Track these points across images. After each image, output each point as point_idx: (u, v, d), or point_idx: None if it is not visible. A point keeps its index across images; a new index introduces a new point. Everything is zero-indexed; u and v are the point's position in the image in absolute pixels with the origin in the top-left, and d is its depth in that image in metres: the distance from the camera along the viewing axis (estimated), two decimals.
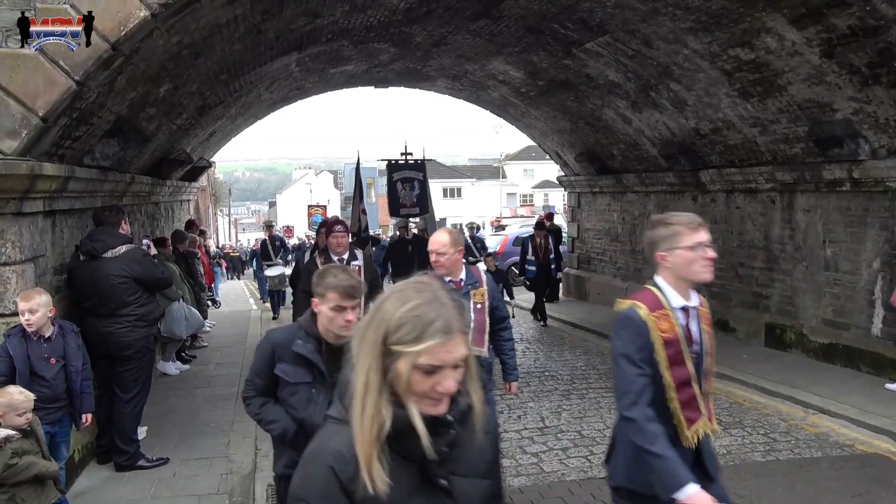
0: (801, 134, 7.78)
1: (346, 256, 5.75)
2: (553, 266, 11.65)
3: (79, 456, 5.05)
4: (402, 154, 12.77)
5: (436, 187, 57.13)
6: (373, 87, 13.36)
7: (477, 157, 75.13)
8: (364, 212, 11.82)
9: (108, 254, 4.97)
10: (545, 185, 56.16)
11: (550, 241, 11.45)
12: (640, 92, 9.51)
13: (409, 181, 12.33)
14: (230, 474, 5.06)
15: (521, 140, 62.18)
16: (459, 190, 57.52)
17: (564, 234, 15.27)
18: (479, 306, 3.95)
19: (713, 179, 9.74)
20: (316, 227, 27.49)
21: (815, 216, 8.18)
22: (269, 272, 12.73)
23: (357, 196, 12.14)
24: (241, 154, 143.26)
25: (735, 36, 7.09)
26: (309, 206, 35.71)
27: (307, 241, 22.92)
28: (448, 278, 3.79)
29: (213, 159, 16.69)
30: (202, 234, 12.76)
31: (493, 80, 11.54)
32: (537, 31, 8.74)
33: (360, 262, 5.80)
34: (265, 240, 14.20)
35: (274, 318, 12.33)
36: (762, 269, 9.09)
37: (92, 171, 5.77)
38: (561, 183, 15.29)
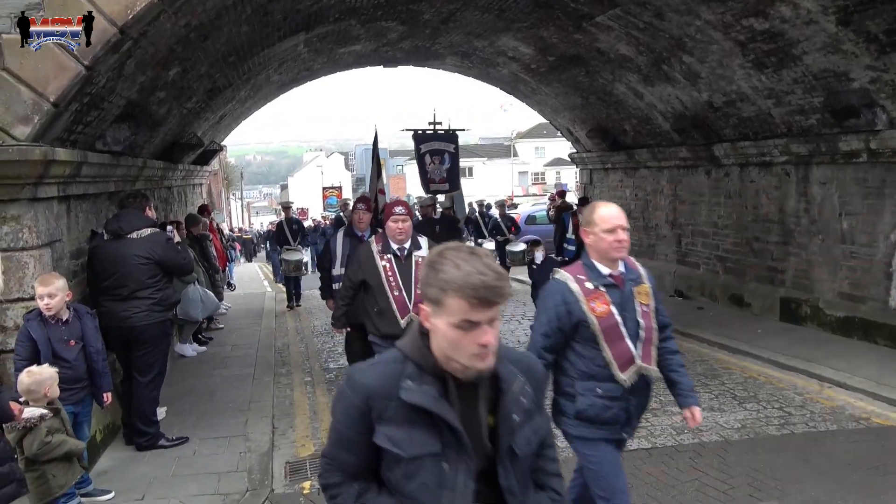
0: (817, 105, 7.65)
1: (407, 246, 4.68)
2: None
3: (101, 436, 5.15)
4: (430, 123, 11.60)
5: None
6: (382, 66, 13.25)
7: (488, 136, 74.65)
8: (382, 191, 10.54)
9: (134, 234, 5.05)
10: (557, 162, 55.76)
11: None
12: (651, 65, 9.38)
13: (438, 153, 11.21)
14: (248, 452, 5.13)
15: (532, 118, 61.71)
16: (471, 169, 57.24)
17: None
18: (645, 309, 3.02)
19: (727, 153, 9.62)
20: (337, 209, 27.30)
21: (830, 188, 8.07)
22: (286, 255, 11.68)
23: (375, 173, 10.99)
24: (252, 137, 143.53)
25: (749, 5, 6.95)
26: (324, 189, 35.45)
27: (323, 223, 22.72)
28: (608, 271, 2.96)
29: (224, 143, 16.71)
30: (209, 217, 12.81)
31: (502, 56, 11.42)
32: (546, 5, 8.62)
33: (424, 251, 4.66)
34: (281, 222, 12.98)
35: (289, 307, 11.78)
36: (777, 244, 9.01)
37: (104, 155, 5.81)
38: (573, 160, 15.18)
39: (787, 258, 8.84)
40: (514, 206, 28.59)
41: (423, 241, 4.77)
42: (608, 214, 2.93)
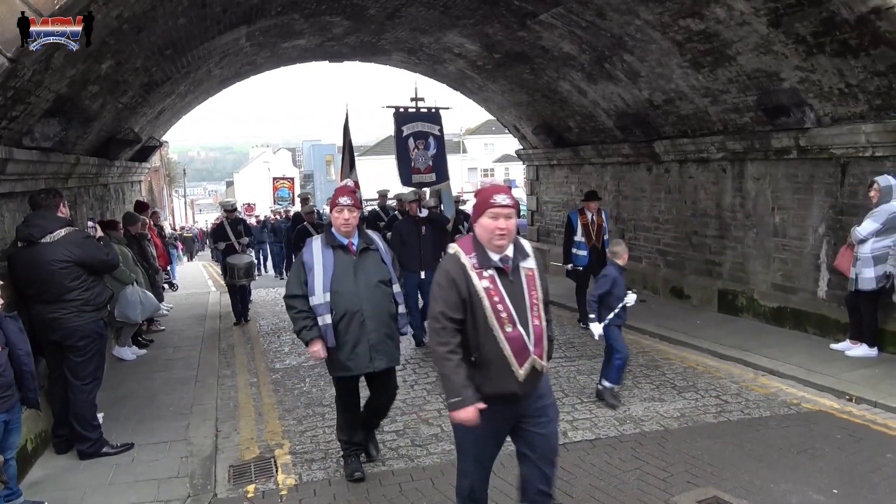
0: (751, 103, 7.94)
1: (510, 254, 3.15)
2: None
3: (32, 445, 4.93)
4: (412, 100, 9.54)
5: (395, 163, 56.78)
6: (327, 61, 13.10)
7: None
8: (357, 185, 8.99)
9: (47, 238, 4.78)
10: (505, 158, 56.22)
11: (605, 216, 8.93)
12: (594, 64, 9.56)
13: (422, 137, 9.28)
14: (190, 457, 5.01)
15: (480, 114, 62.04)
16: None
17: (523, 208, 15.37)
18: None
19: (667, 150, 9.89)
20: (285, 203, 26.18)
21: (764, 184, 8.40)
22: (234, 260, 9.98)
23: (347, 164, 9.39)
24: (195, 133, 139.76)
25: (685, 6, 7.15)
26: (274, 179, 31.84)
27: (273, 219, 20.61)
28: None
29: (164, 139, 16.26)
30: (155, 215, 12.38)
31: (449, 53, 11.43)
32: (491, 2, 8.67)
33: (532, 262, 3.26)
34: (222, 223, 10.79)
35: (236, 325, 10.10)
36: (715, 237, 9.32)
37: (32, 152, 5.55)
38: (519, 156, 15.34)
39: (724, 251, 9.16)
40: (464, 201, 28.69)
41: (528, 246, 3.27)
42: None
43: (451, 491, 4.38)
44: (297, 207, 17.73)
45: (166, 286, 12.84)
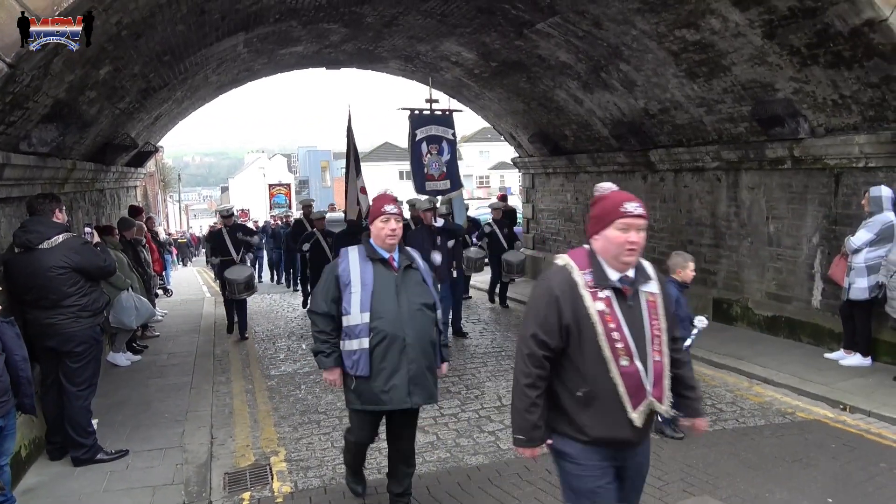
0: (745, 113, 8.00)
1: (631, 274, 2.68)
2: None
3: (26, 452, 4.91)
4: (426, 101, 9.13)
5: (391, 170, 56.81)
6: (324, 68, 13.12)
7: None
8: (364, 190, 8.51)
9: (45, 244, 4.77)
10: (501, 166, 56.38)
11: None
12: (590, 73, 9.61)
13: (436, 141, 8.81)
14: (185, 464, 4.99)
15: (476, 122, 62.21)
16: None
17: (519, 216, 15.41)
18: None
19: (662, 159, 9.95)
20: (282, 209, 25.77)
21: (758, 193, 8.45)
22: (231, 274, 9.12)
23: (354, 168, 8.71)
24: (191, 138, 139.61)
25: (681, 17, 7.21)
26: (270, 186, 31.40)
27: (272, 224, 20.09)
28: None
29: (160, 144, 16.22)
30: (149, 220, 12.35)
31: (445, 61, 11.48)
32: (488, 11, 8.73)
33: (655, 284, 2.82)
34: (219, 231, 9.76)
35: (230, 332, 9.64)
36: (710, 246, 9.37)
37: (29, 157, 5.55)
38: (515, 164, 15.39)
39: (719, 260, 9.21)
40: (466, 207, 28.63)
41: (650, 267, 2.76)
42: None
43: (447, 499, 4.38)
44: (296, 213, 17.54)
45: (160, 292, 12.80)
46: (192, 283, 17.72)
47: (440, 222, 7.96)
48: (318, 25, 9.47)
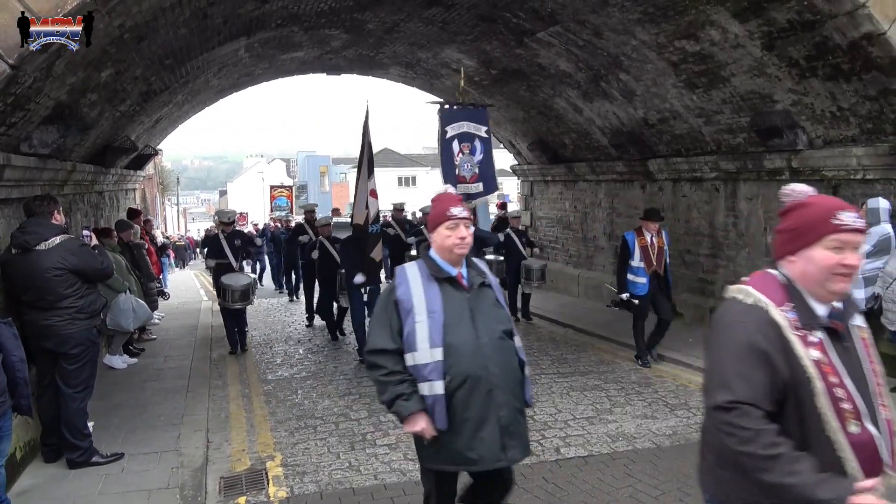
0: (744, 124, 8.04)
1: (840, 305, 2.09)
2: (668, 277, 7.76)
3: (21, 454, 4.89)
4: (459, 92, 8.32)
5: (390, 176, 56.84)
6: (325, 73, 13.17)
7: (431, 146, 74.93)
8: (374, 194, 7.72)
9: (42, 246, 4.77)
10: (500, 173, 55.93)
11: (665, 237, 7.72)
12: (590, 82, 9.66)
13: (468, 139, 7.94)
14: (181, 468, 4.97)
15: None
16: (414, 178, 57.33)
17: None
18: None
19: (660, 168, 9.98)
20: (283, 212, 25.02)
21: (756, 204, 8.48)
22: (228, 280, 8.52)
23: (366, 169, 7.79)
24: (190, 142, 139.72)
25: (681, 28, 7.26)
26: (272, 188, 29.94)
27: (273, 226, 18.50)
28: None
29: (159, 147, 16.24)
30: (147, 223, 12.34)
31: (446, 68, 11.53)
32: (490, 19, 8.77)
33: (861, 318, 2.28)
34: (216, 236, 9.24)
35: (232, 353, 8.81)
36: (707, 256, 9.39)
37: (30, 158, 5.55)
38: (514, 172, 15.42)
39: (717, 270, 9.23)
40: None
41: (856, 291, 2.17)
42: None
43: None
44: (295, 217, 17.10)
45: (158, 295, 12.77)
46: (189, 286, 17.70)
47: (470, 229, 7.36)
48: (320, 31, 9.50)
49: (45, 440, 5.12)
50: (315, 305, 10.38)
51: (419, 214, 12.77)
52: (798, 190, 2.09)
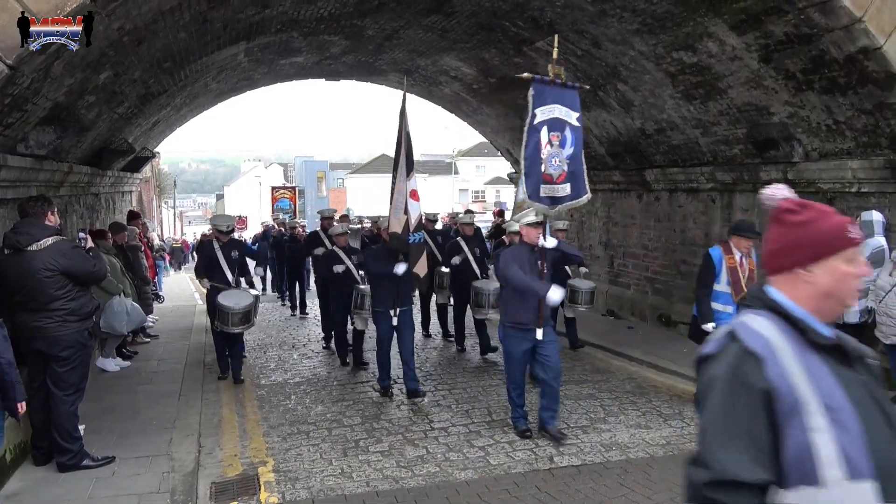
0: (740, 136, 8.07)
1: None
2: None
3: (10, 456, 4.86)
4: (551, 66, 6.16)
5: (388, 181, 56.71)
6: (324, 79, 13.18)
7: (429, 153, 75.12)
8: (416, 195, 6.83)
9: (34, 246, 4.75)
10: (497, 181, 56.57)
11: (755, 258, 6.20)
12: (588, 92, 9.67)
13: (558, 128, 5.95)
14: (172, 472, 4.94)
15: (473, 136, 62.61)
16: None
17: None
18: None
19: (657, 178, 10.01)
20: (286, 213, 22.90)
21: (752, 215, 8.50)
22: (226, 300, 7.24)
23: (403, 167, 6.75)
24: (187, 145, 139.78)
25: (679, 39, 7.29)
26: (273, 189, 26.88)
27: (276, 229, 16.11)
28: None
29: (157, 149, 16.22)
30: (143, 227, 12.30)
31: (445, 76, 11.56)
32: (489, 28, 8.80)
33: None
34: (210, 243, 7.85)
35: (221, 378, 7.66)
36: None
37: (26, 159, 5.55)
38: (511, 180, 15.43)
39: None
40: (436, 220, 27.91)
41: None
42: None
43: None
44: (295, 220, 15.70)
45: (153, 298, 12.73)
46: (184, 288, 17.65)
47: (551, 242, 5.66)
48: (319, 37, 9.52)
49: (36, 443, 5.08)
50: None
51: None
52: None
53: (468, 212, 12.76)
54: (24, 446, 5.13)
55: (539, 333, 5.58)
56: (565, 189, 5.92)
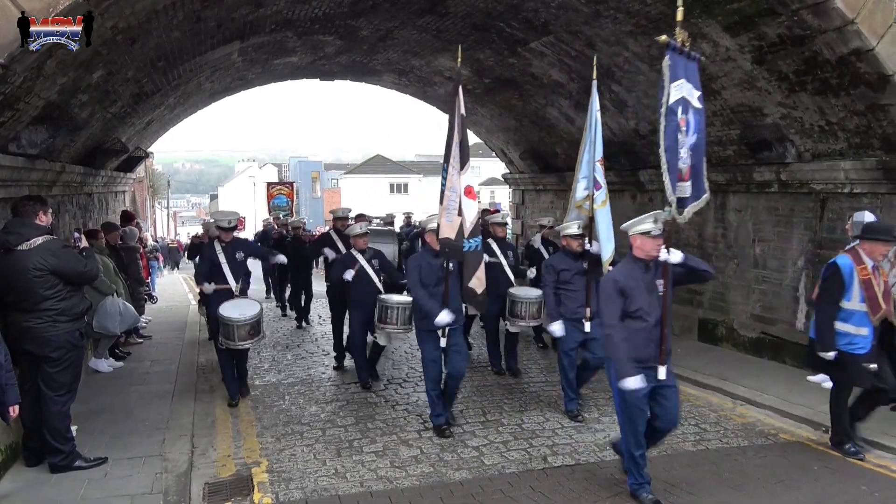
0: (734, 137, 8.10)
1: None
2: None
3: (1, 457, 4.83)
4: (678, 29, 4.67)
5: (383, 182, 56.91)
6: (318, 79, 13.16)
7: (424, 153, 75.13)
8: (472, 192, 5.83)
9: (24, 246, 4.71)
10: (491, 182, 56.63)
11: (887, 265, 5.46)
12: (582, 92, 9.70)
13: (684, 108, 4.77)
14: (165, 473, 4.92)
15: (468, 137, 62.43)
16: (406, 185, 57.42)
17: (509, 232, 15.44)
18: None
19: (651, 179, 10.03)
20: (283, 212, 21.18)
21: (745, 216, 8.54)
22: (229, 311, 6.38)
23: (457, 158, 5.71)
24: (181, 145, 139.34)
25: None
26: (269, 185, 23.46)
27: (275, 228, 13.93)
28: None
29: (150, 149, 16.18)
30: (137, 227, 12.24)
31: (439, 76, 11.55)
32: (483, 28, 8.81)
33: None
34: (211, 244, 7.01)
35: (232, 405, 6.64)
36: None
37: (18, 158, 5.52)
38: (506, 180, 15.46)
39: (706, 281, 9.25)
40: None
41: None
42: None
43: None
44: (298, 220, 13.84)
45: (146, 298, 12.68)
46: (177, 289, 17.59)
47: (676, 256, 4.65)
48: (314, 37, 9.51)
49: (27, 444, 5.05)
50: (345, 341, 8.17)
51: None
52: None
53: (498, 211, 11.40)
54: (16, 447, 5.10)
55: (662, 372, 4.44)
56: (686, 189, 4.83)
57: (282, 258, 7.74)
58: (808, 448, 5.53)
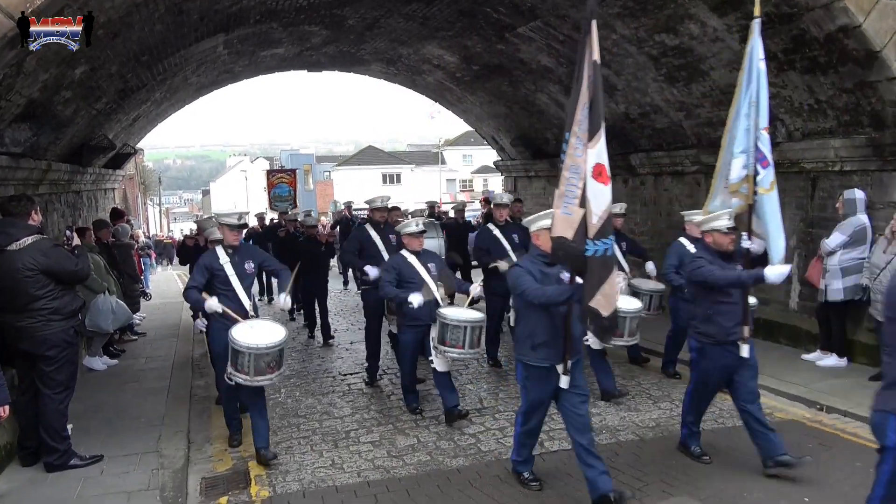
0: (724, 118, 8.05)
1: None
2: None
3: None
4: None
5: (375, 173, 56.73)
6: (306, 70, 13.08)
7: (416, 143, 74.95)
8: (604, 173, 3.90)
9: (14, 246, 4.67)
10: (484, 170, 56.55)
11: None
12: (571, 76, 9.65)
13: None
14: (161, 469, 4.91)
15: (459, 125, 62.39)
16: (399, 176, 57.30)
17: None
18: None
19: (642, 163, 10.02)
20: (285, 203, 18.79)
21: None
22: (242, 336, 4.81)
23: (586, 124, 3.98)
24: (171, 141, 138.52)
25: (660, 22, 7.28)
26: (269, 173, 20.54)
27: (284, 225, 11.82)
28: None
29: (139, 146, 16.07)
30: (128, 224, 12.16)
31: (428, 64, 11.49)
32: (470, 14, 8.75)
33: None
34: (212, 254, 5.29)
35: (233, 445, 5.44)
36: None
37: (2, 157, 5.47)
38: (498, 168, 15.43)
39: None
40: (444, 213, 27.73)
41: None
42: None
43: (426, 501, 4.36)
44: (312, 216, 12.12)
45: (141, 295, 12.61)
46: (171, 285, 17.52)
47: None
48: (299, 27, 9.42)
49: (23, 443, 5.03)
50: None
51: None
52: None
53: (518, 200, 10.25)
54: (11, 448, 5.08)
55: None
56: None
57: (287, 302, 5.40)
58: (803, 426, 5.56)
